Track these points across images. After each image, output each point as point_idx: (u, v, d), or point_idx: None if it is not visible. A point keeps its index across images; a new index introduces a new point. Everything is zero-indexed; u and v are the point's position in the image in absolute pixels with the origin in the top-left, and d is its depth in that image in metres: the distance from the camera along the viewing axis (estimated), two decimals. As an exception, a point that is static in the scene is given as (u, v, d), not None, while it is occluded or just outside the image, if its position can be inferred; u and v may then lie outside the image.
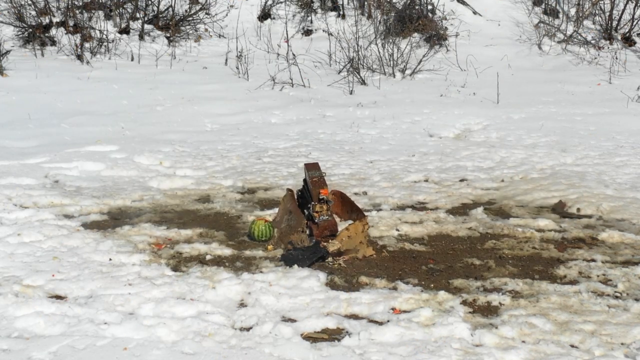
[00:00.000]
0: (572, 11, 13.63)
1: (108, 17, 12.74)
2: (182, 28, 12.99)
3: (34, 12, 12.37)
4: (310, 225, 4.86)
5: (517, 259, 4.70)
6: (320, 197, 4.89)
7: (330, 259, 4.60)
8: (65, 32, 12.20)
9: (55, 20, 12.48)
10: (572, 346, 3.54)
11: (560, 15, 13.62)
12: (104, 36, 12.04)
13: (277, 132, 8.40)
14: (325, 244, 4.68)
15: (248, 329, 3.69)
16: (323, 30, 13.40)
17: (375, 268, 4.54)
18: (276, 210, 5.39)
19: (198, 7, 13.42)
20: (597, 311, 3.89)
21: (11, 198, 5.66)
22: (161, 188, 6.21)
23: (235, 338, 3.59)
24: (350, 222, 4.94)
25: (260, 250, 4.80)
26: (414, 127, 8.66)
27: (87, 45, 11.81)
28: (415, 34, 12.80)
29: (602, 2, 13.34)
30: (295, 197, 5.21)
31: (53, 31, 12.27)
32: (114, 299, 3.96)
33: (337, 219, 5.11)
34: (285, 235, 4.87)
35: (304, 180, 5.36)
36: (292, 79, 10.72)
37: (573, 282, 4.29)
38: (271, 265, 4.52)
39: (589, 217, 5.51)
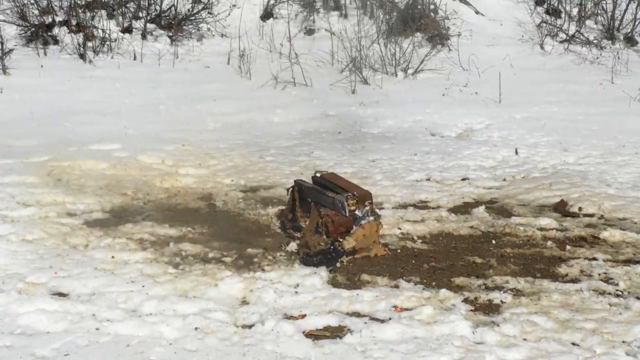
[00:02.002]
0: (575, 11, 13.60)
1: (111, 16, 12.73)
2: (185, 27, 12.98)
3: (36, 11, 12.37)
4: (326, 223, 4.73)
5: (519, 257, 4.71)
6: (367, 203, 4.75)
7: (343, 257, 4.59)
8: (68, 31, 12.18)
9: (58, 19, 12.48)
10: (574, 344, 3.55)
11: (563, 15, 13.60)
12: (107, 35, 12.03)
13: (280, 131, 8.41)
14: (340, 240, 4.62)
15: (250, 327, 3.70)
16: (325, 30, 13.37)
17: (377, 266, 4.55)
18: (277, 209, 5.39)
19: (200, 7, 13.42)
20: (599, 309, 3.89)
21: (14, 196, 5.67)
22: (163, 186, 6.22)
23: (237, 335, 3.60)
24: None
25: (261, 248, 4.80)
26: (416, 126, 8.66)
27: (89, 44, 11.79)
28: (418, 34, 12.78)
29: (604, 2, 13.32)
30: (296, 193, 5.09)
31: (56, 30, 12.25)
32: (116, 296, 3.98)
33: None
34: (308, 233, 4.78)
35: (316, 182, 5.16)
36: (294, 78, 10.72)
37: (574, 281, 4.30)
38: (273, 263, 4.53)
39: (591, 216, 5.51)
